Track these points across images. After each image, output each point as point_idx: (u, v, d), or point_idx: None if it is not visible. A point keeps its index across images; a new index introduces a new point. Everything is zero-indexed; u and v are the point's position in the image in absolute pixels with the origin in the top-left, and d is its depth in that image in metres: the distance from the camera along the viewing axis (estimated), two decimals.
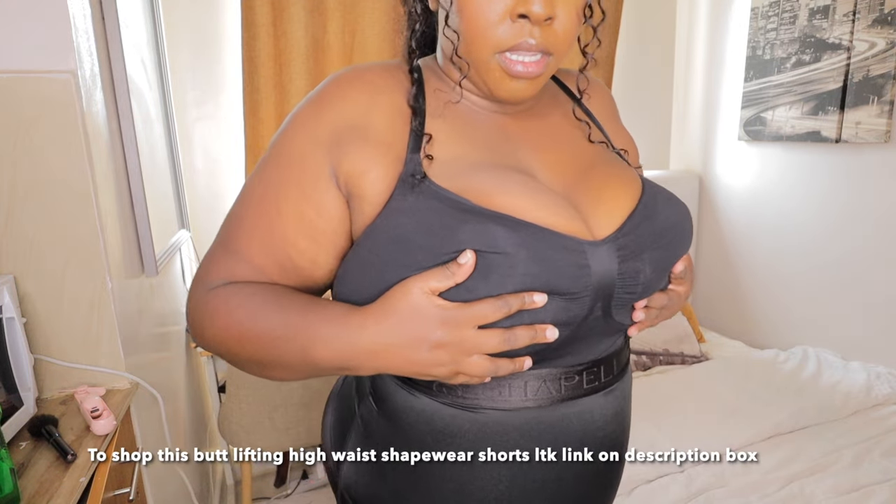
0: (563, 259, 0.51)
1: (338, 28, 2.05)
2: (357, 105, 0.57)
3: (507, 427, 0.57)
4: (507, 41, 0.53)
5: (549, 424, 0.58)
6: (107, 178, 1.12)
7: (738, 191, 2.57)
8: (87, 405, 0.98)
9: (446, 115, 0.60)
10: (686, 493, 1.49)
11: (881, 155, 1.99)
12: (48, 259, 1.03)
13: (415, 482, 0.61)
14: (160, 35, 1.74)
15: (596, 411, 0.60)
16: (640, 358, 2.25)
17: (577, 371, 0.58)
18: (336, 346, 0.52)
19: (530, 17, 0.51)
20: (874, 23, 1.91)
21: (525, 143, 0.61)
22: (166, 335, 1.58)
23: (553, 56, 0.55)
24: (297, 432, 1.75)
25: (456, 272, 0.49)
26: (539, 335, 0.51)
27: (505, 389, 0.56)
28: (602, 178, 0.59)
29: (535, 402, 0.57)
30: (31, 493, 0.80)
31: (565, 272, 0.51)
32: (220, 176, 2.15)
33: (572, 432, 0.59)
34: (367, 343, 0.51)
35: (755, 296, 2.55)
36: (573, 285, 0.51)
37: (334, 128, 0.56)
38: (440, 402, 0.58)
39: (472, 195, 0.52)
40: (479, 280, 0.49)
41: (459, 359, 0.50)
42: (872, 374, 1.99)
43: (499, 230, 0.50)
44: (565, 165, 0.60)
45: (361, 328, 0.51)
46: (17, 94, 0.97)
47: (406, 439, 0.60)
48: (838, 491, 1.46)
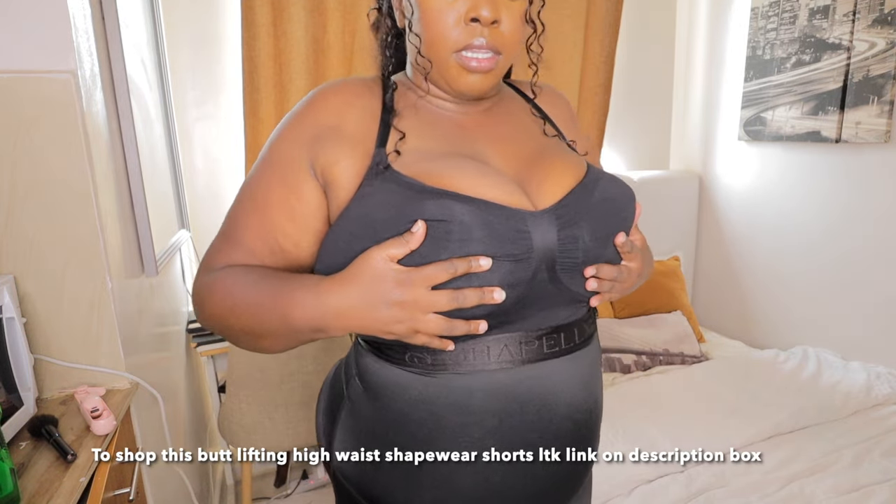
0: (504, 225, 0.59)
1: (338, 28, 2.05)
2: (333, 109, 0.67)
3: (474, 390, 0.63)
4: (462, 41, 0.63)
5: (512, 386, 0.63)
6: (107, 178, 1.12)
7: (738, 191, 2.57)
8: (87, 405, 0.98)
9: (412, 116, 0.69)
10: (686, 493, 1.49)
11: (881, 155, 1.99)
12: (48, 259, 1.03)
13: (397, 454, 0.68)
14: (160, 35, 1.74)
15: (557, 375, 0.65)
16: (640, 358, 2.25)
17: (536, 336, 0.64)
18: (309, 309, 0.60)
19: (480, 20, 0.62)
20: (874, 23, 1.91)
21: (482, 137, 0.70)
22: (166, 335, 1.58)
23: (502, 55, 0.65)
24: (297, 432, 1.75)
25: (409, 240, 0.57)
26: (487, 296, 0.57)
27: (469, 354, 0.62)
28: (549, 163, 0.67)
29: (498, 365, 0.63)
30: (31, 493, 0.80)
31: (507, 236, 0.58)
32: (220, 176, 2.15)
33: (535, 394, 0.64)
34: (335, 305, 0.59)
35: (755, 296, 2.55)
36: (515, 248, 0.58)
37: (314, 129, 0.67)
38: (414, 372, 0.65)
39: (426, 178, 0.61)
40: (430, 248, 0.57)
41: (415, 316, 0.57)
42: (872, 374, 1.99)
43: (446, 202, 0.58)
44: (517, 153, 0.69)
45: (329, 293, 0.59)
46: (17, 94, 0.98)
47: (386, 412, 0.67)
48: (838, 491, 1.46)
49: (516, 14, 0.64)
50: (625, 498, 1.49)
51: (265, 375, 1.68)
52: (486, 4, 0.61)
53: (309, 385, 1.72)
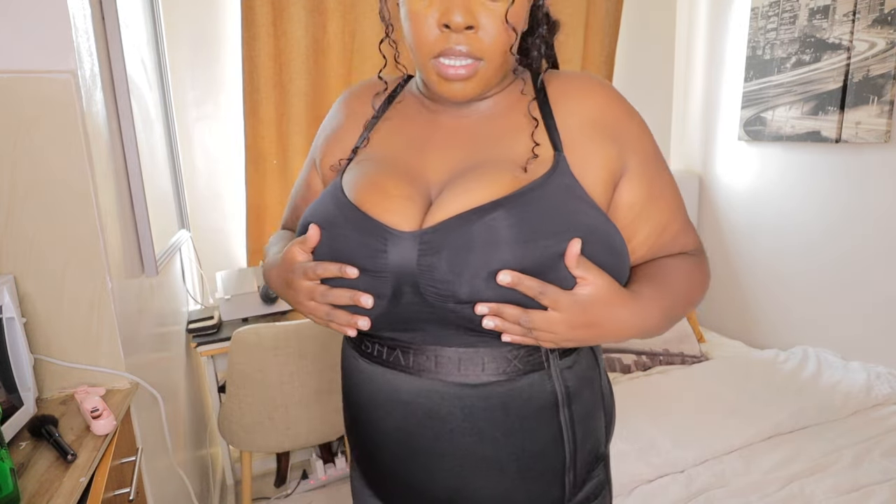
0: (364, 241, 0.63)
1: (338, 28, 2.05)
2: (335, 112, 0.82)
3: (370, 375, 0.73)
4: (436, 47, 0.63)
5: (381, 380, 0.71)
6: (107, 178, 1.12)
7: (738, 191, 2.57)
8: (87, 405, 0.98)
9: (396, 117, 0.75)
10: (686, 493, 1.49)
11: (881, 155, 1.99)
12: (48, 259, 1.03)
13: (348, 420, 0.82)
14: (160, 35, 1.74)
15: (406, 389, 0.69)
16: (640, 358, 2.25)
17: (400, 346, 0.69)
18: (269, 271, 0.76)
19: (451, 26, 0.60)
20: (874, 23, 1.91)
21: (441, 142, 0.71)
22: (166, 335, 1.58)
23: (484, 61, 0.63)
24: (296, 432, 1.75)
25: (306, 239, 0.67)
26: (355, 298, 0.63)
27: (371, 348, 0.72)
28: (468, 180, 0.65)
29: (377, 361, 0.71)
30: (31, 493, 0.80)
31: (362, 252, 0.63)
32: (220, 176, 2.15)
33: (383, 394, 0.71)
34: (272, 274, 0.75)
35: (755, 296, 2.55)
36: (369, 265, 0.63)
37: (323, 130, 0.83)
38: (363, 359, 0.74)
39: (348, 183, 0.69)
40: (320, 246, 0.67)
41: (301, 299, 0.67)
42: (872, 374, 1.99)
43: (331, 210, 0.67)
44: (457, 164, 0.68)
45: (270, 265, 0.76)
46: (17, 94, 0.98)
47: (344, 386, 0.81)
48: (838, 491, 1.46)
49: (498, 16, 0.61)
50: (625, 498, 1.49)
51: (265, 375, 1.68)
52: (458, 10, 0.60)
53: (309, 385, 1.72)
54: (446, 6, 0.60)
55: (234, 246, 2.22)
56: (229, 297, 1.94)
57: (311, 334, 1.69)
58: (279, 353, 1.67)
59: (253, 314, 1.93)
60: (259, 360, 1.66)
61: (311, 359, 1.71)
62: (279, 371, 1.68)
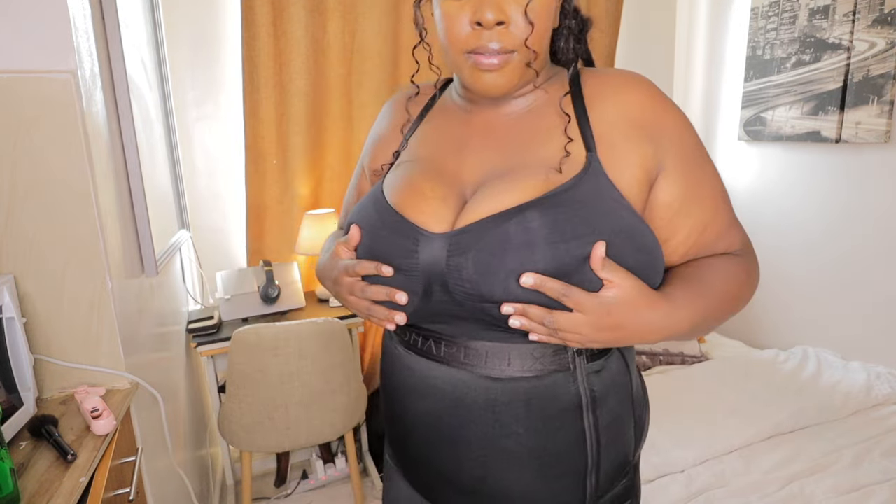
0: (398, 242, 0.67)
1: (338, 28, 2.05)
2: (380, 119, 0.87)
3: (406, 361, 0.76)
4: (470, 43, 0.66)
5: (415, 367, 0.75)
6: (107, 178, 1.12)
7: (738, 191, 2.57)
8: (87, 405, 0.98)
9: (437, 118, 0.79)
10: (686, 493, 1.49)
11: (881, 155, 1.99)
12: (48, 259, 1.04)
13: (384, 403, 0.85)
14: (160, 35, 1.74)
15: (437, 376, 0.72)
16: (640, 358, 2.25)
17: (433, 336, 0.72)
18: (321, 269, 0.81)
19: (483, 23, 0.64)
20: (874, 23, 1.91)
21: (478, 142, 0.73)
22: (166, 335, 1.58)
23: (516, 52, 0.66)
24: (297, 432, 1.75)
25: (349, 239, 0.72)
26: (391, 294, 0.67)
27: (409, 337, 0.75)
28: (503, 182, 0.67)
29: (412, 349, 0.75)
30: (31, 493, 0.80)
31: (396, 252, 0.67)
32: (220, 176, 2.15)
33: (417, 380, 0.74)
34: (322, 271, 0.80)
35: (755, 296, 2.54)
36: (402, 264, 0.67)
37: (371, 136, 0.88)
38: (401, 346, 0.77)
39: (387, 185, 0.74)
40: (361, 246, 0.71)
41: (344, 294, 0.73)
42: (872, 374, 1.99)
43: (371, 212, 0.72)
44: (492, 165, 0.70)
45: (322, 262, 0.81)
46: (17, 94, 0.98)
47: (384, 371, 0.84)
48: (838, 491, 1.46)
49: (524, 10, 0.64)
50: None
51: (265, 375, 1.68)
52: (489, 7, 0.63)
53: (309, 385, 1.72)
54: (477, 4, 0.64)
55: (234, 246, 2.22)
56: (229, 297, 1.94)
57: (311, 334, 1.69)
58: (279, 353, 1.67)
59: (253, 314, 1.93)
60: (259, 360, 1.66)
61: (311, 359, 1.71)
62: (279, 371, 1.68)
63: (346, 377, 1.79)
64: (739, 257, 0.75)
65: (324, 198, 2.24)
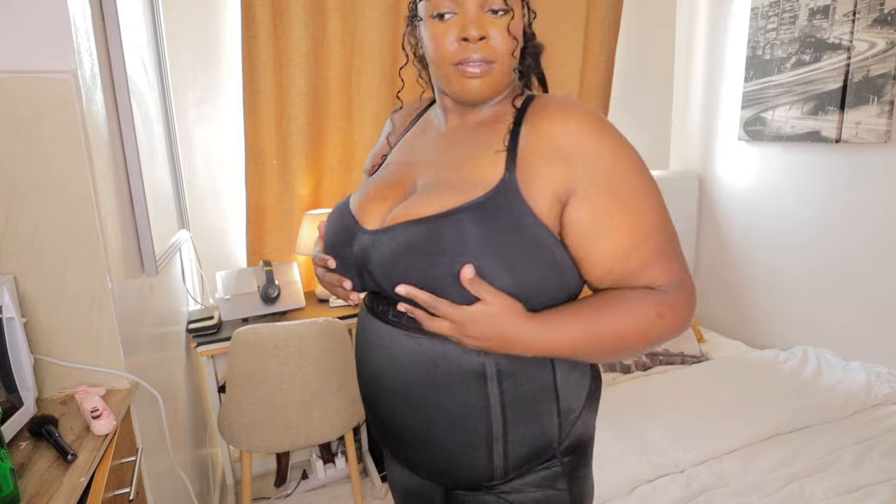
0: (344, 236, 0.82)
1: (338, 28, 2.05)
2: (383, 131, 1.01)
3: (366, 324, 0.86)
4: (457, 56, 0.77)
5: (370, 327, 0.85)
6: (107, 178, 1.12)
7: (738, 191, 2.57)
8: (87, 405, 0.98)
9: (416, 130, 0.93)
10: (686, 493, 1.49)
11: (881, 155, 1.99)
12: (48, 259, 1.04)
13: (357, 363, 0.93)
14: (160, 35, 1.74)
15: (385, 336, 0.81)
16: (640, 358, 2.25)
17: (381, 300, 0.83)
18: None
19: (469, 39, 0.75)
20: (874, 23, 1.91)
21: (431, 151, 0.86)
22: (166, 335, 1.58)
23: (495, 63, 0.77)
24: (297, 432, 1.75)
25: (319, 233, 0.89)
26: (339, 281, 0.83)
27: (372, 303, 0.85)
28: (431, 192, 0.78)
29: (371, 312, 0.85)
30: (31, 493, 0.80)
31: (342, 244, 0.82)
32: (220, 176, 2.15)
33: (369, 339, 0.85)
34: None
35: (755, 296, 2.55)
36: (344, 253, 0.82)
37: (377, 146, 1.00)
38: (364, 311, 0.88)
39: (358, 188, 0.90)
40: (325, 238, 0.87)
41: (319, 272, 0.88)
42: (872, 374, 1.99)
43: (338, 208, 0.87)
44: (432, 173, 0.82)
45: None
46: (17, 94, 0.98)
47: None
48: (838, 491, 1.46)
49: (503, 28, 0.76)
50: (625, 498, 1.49)
51: (265, 375, 1.68)
52: (473, 26, 0.75)
53: (309, 385, 1.72)
54: (462, 24, 0.75)
55: (234, 246, 2.22)
56: (229, 297, 1.94)
57: (311, 334, 1.69)
58: (279, 353, 1.67)
59: (253, 314, 1.93)
60: (259, 360, 1.67)
61: (311, 359, 1.71)
62: (279, 371, 1.68)
63: (346, 377, 1.79)
64: (658, 294, 0.73)
65: (324, 198, 2.24)
